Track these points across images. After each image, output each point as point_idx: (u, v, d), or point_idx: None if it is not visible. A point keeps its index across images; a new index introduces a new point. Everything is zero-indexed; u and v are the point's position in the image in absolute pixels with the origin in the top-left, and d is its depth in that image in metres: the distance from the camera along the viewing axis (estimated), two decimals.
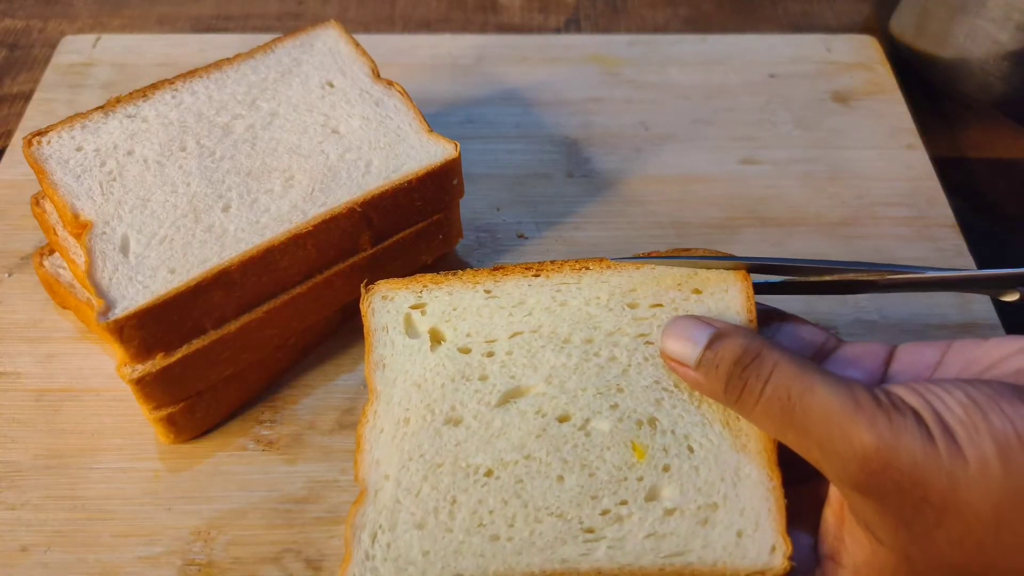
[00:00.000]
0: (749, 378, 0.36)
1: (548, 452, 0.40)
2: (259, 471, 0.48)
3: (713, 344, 0.37)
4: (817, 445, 0.34)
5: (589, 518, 0.38)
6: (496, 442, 0.40)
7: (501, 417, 0.41)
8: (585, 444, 0.40)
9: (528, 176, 0.64)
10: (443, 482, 0.39)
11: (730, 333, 0.37)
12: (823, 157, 0.65)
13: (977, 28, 0.65)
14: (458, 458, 0.40)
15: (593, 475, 0.39)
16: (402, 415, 0.41)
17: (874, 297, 0.56)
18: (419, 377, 0.42)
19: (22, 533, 0.46)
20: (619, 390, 0.41)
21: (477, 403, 0.41)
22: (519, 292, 0.44)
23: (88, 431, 0.50)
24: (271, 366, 0.51)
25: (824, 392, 0.34)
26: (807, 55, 0.73)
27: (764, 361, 0.36)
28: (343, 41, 0.57)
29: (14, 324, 0.54)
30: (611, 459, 0.39)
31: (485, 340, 0.43)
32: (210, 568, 0.45)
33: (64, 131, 0.50)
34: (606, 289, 0.44)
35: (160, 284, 0.44)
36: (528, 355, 0.42)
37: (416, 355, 0.43)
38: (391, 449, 0.41)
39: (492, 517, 0.39)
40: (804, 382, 0.34)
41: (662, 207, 0.62)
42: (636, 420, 0.40)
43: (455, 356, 0.43)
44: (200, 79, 0.53)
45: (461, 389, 0.42)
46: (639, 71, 0.71)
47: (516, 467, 0.40)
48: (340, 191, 0.49)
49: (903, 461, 0.32)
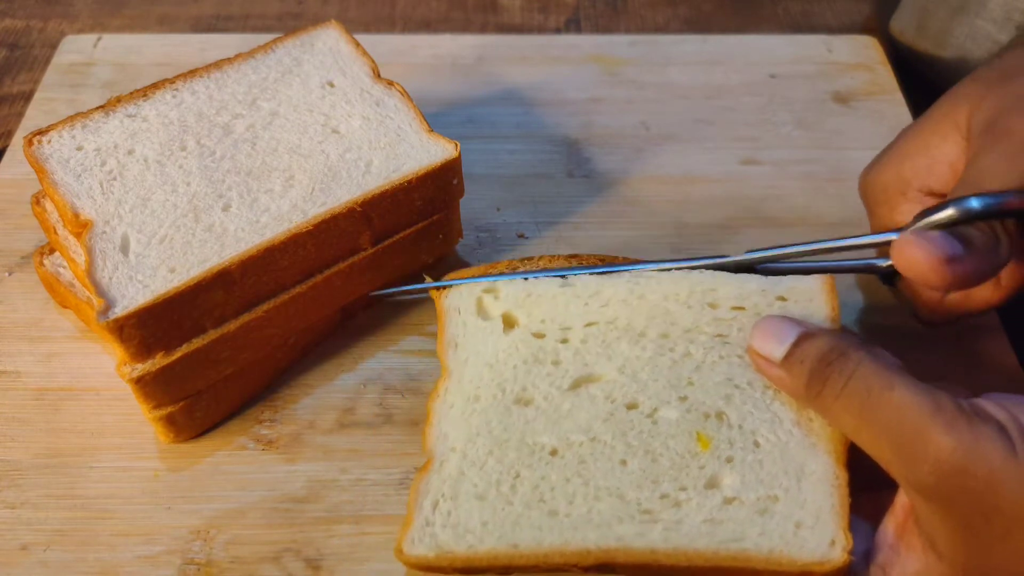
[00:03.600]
0: (832, 374, 0.36)
1: (613, 436, 0.41)
2: (259, 470, 0.48)
3: (801, 342, 0.38)
4: (891, 444, 0.34)
5: (648, 500, 0.39)
6: (563, 423, 0.41)
7: (571, 400, 0.42)
8: (651, 431, 0.41)
9: (528, 176, 0.64)
10: (508, 457, 0.41)
11: (818, 333, 0.38)
12: (824, 157, 0.65)
13: (977, 28, 0.65)
14: (525, 436, 0.41)
15: (656, 461, 0.40)
16: (472, 392, 0.43)
17: (874, 297, 0.56)
18: (491, 357, 0.44)
19: (22, 532, 0.46)
20: (690, 383, 0.42)
21: (548, 386, 0.42)
22: (595, 282, 0.45)
23: (88, 430, 0.50)
24: (271, 366, 0.51)
25: (904, 391, 0.34)
26: (808, 55, 0.73)
27: (848, 358, 0.36)
28: (343, 41, 0.57)
29: (14, 323, 0.54)
30: (675, 447, 0.40)
31: (560, 327, 0.44)
32: (209, 567, 0.45)
33: (64, 130, 0.50)
34: (686, 286, 0.44)
35: (160, 283, 0.44)
36: (602, 345, 0.43)
37: (489, 337, 0.44)
38: (460, 424, 0.42)
39: (553, 493, 0.39)
40: (885, 380, 0.35)
41: (662, 207, 0.62)
42: (704, 412, 0.41)
43: (529, 340, 0.44)
44: (200, 79, 0.54)
45: (533, 372, 0.43)
46: (639, 71, 0.71)
47: (581, 448, 0.40)
48: (340, 191, 0.49)
49: (979, 467, 0.31)
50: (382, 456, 0.49)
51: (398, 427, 0.50)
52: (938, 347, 0.54)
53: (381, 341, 0.54)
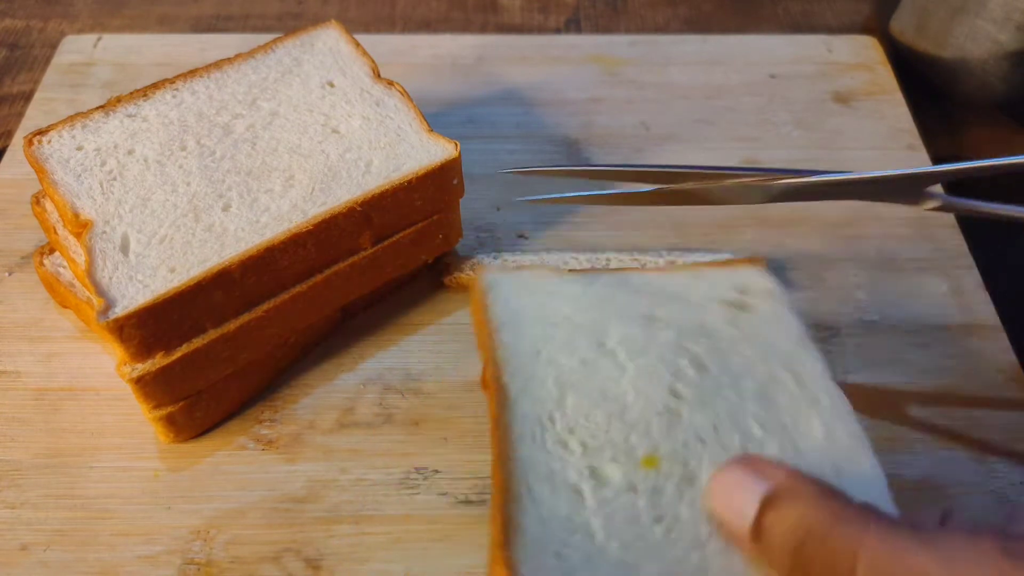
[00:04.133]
0: (833, 552, 0.27)
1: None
2: (259, 470, 0.48)
3: (767, 511, 0.29)
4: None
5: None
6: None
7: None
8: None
9: None
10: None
11: (790, 492, 0.29)
12: (824, 157, 0.65)
13: (977, 28, 0.65)
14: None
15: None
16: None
17: (873, 297, 0.56)
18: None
19: (22, 532, 0.46)
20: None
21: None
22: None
23: (88, 430, 0.50)
24: (271, 365, 0.51)
25: (935, 558, 0.26)
26: (808, 55, 0.73)
27: (838, 546, 0.27)
28: (343, 41, 0.57)
29: (14, 323, 0.54)
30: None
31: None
32: (209, 567, 0.45)
33: (64, 130, 0.50)
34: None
35: (160, 283, 0.44)
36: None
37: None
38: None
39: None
40: (907, 562, 0.26)
41: (662, 207, 0.62)
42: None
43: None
44: (200, 79, 0.54)
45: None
46: (640, 71, 0.71)
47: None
48: (340, 191, 0.49)
49: None
50: (382, 456, 0.49)
51: (398, 427, 0.50)
52: (938, 347, 0.54)
53: (381, 341, 0.54)
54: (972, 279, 0.57)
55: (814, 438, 0.36)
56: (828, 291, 0.57)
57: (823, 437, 0.36)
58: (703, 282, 0.42)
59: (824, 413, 0.37)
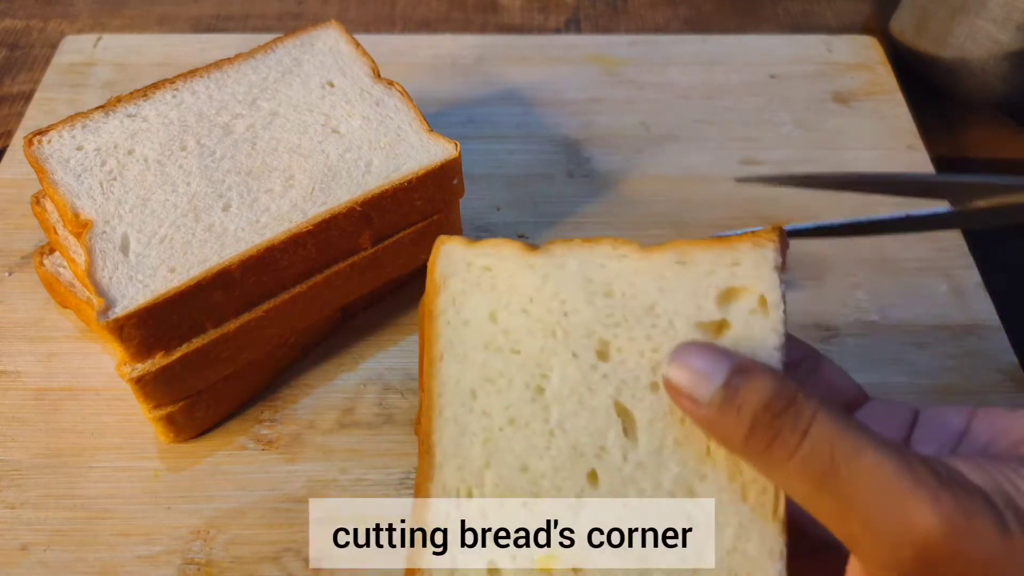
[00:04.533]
0: (783, 428, 0.29)
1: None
2: (259, 470, 0.48)
3: (733, 378, 0.31)
4: (861, 520, 0.28)
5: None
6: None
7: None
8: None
9: (528, 176, 0.64)
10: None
11: (754, 369, 0.31)
12: (824, 158, 0.65)
13: (977, 28, 0.65)
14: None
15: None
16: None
17: (873, 297, 0.56)
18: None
19: (22, 532, 0.46)
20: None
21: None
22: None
23: (88, 430, 0.50)
24: (271, 365, 0.51)
25: (876, 457, 0.28)
26: (807, 55, 0.73)
27: (801, 410, 0.30)
28: (343, 41, 0.57)
29: (14, 323, 0.54)
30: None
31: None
32: (209, 567, 0.45)
33: (64, 130, 0.50)
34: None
35: (160, 283, 0.44)
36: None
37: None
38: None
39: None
40: (851, 442, 0.29)
41: (662, 207, 0.62)
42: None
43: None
44: (200, 79, 0.54)
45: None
46: (639, 71, 0.71)
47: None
48: (340, 191, 0.49)
49: (974, 551, 0.27)
50: (382, 456, 0.49)
51: (398, 427, 0.50)
52: (938, 347, 0.54)
53: (381, 341, 0.54)
54: (972, 279, 0.57)
55: (721, 546, 0.34)
56: (828, 291, 0.57)
57: (730, 548, 0.34)
58: (684, 282, 0.36)
59: (745, 514, 0.34)
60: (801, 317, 0.55)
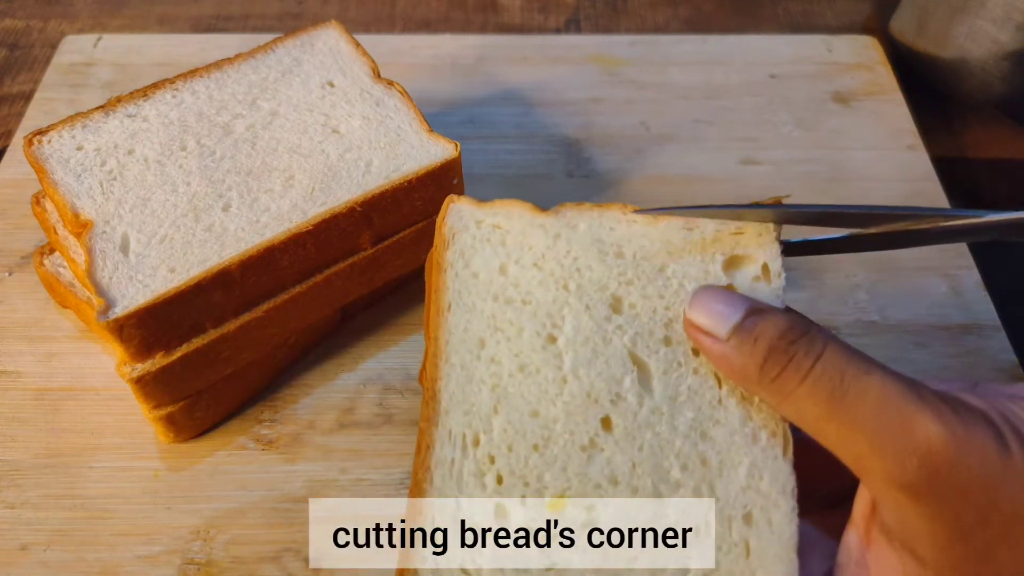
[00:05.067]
0: (796, 353, 0.31)
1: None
2: (259, 470, 0.48)
3: (751, 316, 0.33)
4: (867, 436, 0.30)
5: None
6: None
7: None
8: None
9: (528, 176, 0.64)
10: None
11: (769, 309, 0.33)
12: (824, 158, 0.65)
13: (977, 28, 0.65)
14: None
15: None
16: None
17: (874, 297, 0.56)
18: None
19: (22, 532, 0.46)
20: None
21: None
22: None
23: (88, 430, 0.50)
24: (271, 366, 0.51)
25: (883, 377, 0.30)
26: (807, 55, 0.73)
27: (814, 338, 0.32)
28: (343, 41, 0.57)
29: (14, 323, 0.54)
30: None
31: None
32: (209, 567, 0.45)
33: (64, 130, 0.50)
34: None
35: (160, 283, 0.44)
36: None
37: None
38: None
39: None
40: (859, 363, 0.31)
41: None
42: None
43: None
44: (200, 79, 0.54)
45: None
46: (639, 71, 0.71)
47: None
48: (340, 191, 0.49)
49: (974, 461, 0.28)
50: (382, 456, 0.49)
51: (398, 427, 0.50)
52: (938, 347, 0.54)
53: (381, 341, 0.54)
54: (972, 279, 0.57)
55: (735, 483, 0.35)
56: (828, 291, 0.57)
57: (744, 486, 0.35)
58: (691, 247, 0.38)
59: (758, 454, 0.35)
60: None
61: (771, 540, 0.35)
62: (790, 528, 0.34)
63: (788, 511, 0.35)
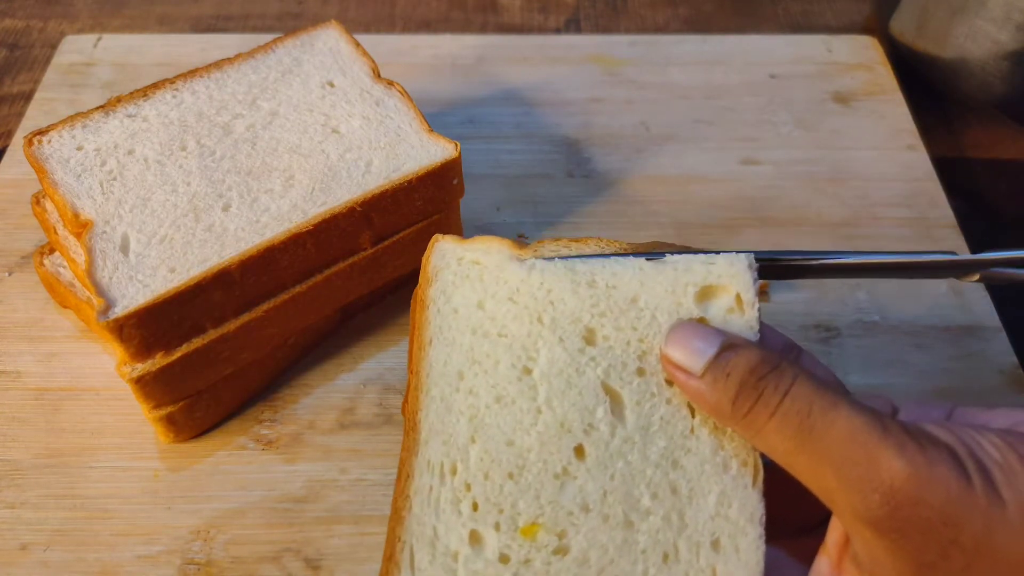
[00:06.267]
0: (765, 388, 0.32)
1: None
2: (259, 470, 0.48)
3: (725, 352, 0.34)
4: (834, 470, 0.30)
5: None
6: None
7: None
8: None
9: (528, 176, 0.64)
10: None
11: (742, 343, 0.34)
12: (824, 158, 0.65)
13: (977, 28, 0.65)
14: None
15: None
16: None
17: (874, 297, 0.56)
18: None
19: (22, 532, 0.46)
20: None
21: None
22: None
23: (88, 430, 0.50)
24: (271, 366, 0.51)
25: (849, 411, 0.31)
26: (807, 55, 0.73)
27: (783, 373, 0.33)
28: (343, 41, 0.57)
29: (14, 323, 0.54)
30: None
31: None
32: (209, 567, 0.45)
33: (65, 130, 0.50)
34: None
35: (160, 283, 0.44)
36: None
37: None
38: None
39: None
40: (827, 399, 0.31)
41: (662, 207, 0.62)
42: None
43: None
44: (201, 79, 0.54)
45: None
46: (639, 71, 0.71)
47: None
48: (340, 191, 0.49)
49: (936, 496, 0.29)
50: (382, 456, 0.49)
51: (398, 427, 0.50)
52: (938, 348, 0.54)
53: (381, 341, 0.54)
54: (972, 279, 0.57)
55: (704, 511, 0.36)
56: (828, 291, 0.57)
57: (713, 513, 0.35)
58: (663, 276, 0.37)
59: (727, 483, 0.36)
60: (802, 318, 0.55)
61: (738, 566, 0.35)
62: (756, 555, 0.35)
63: (755, 538, 0.35)
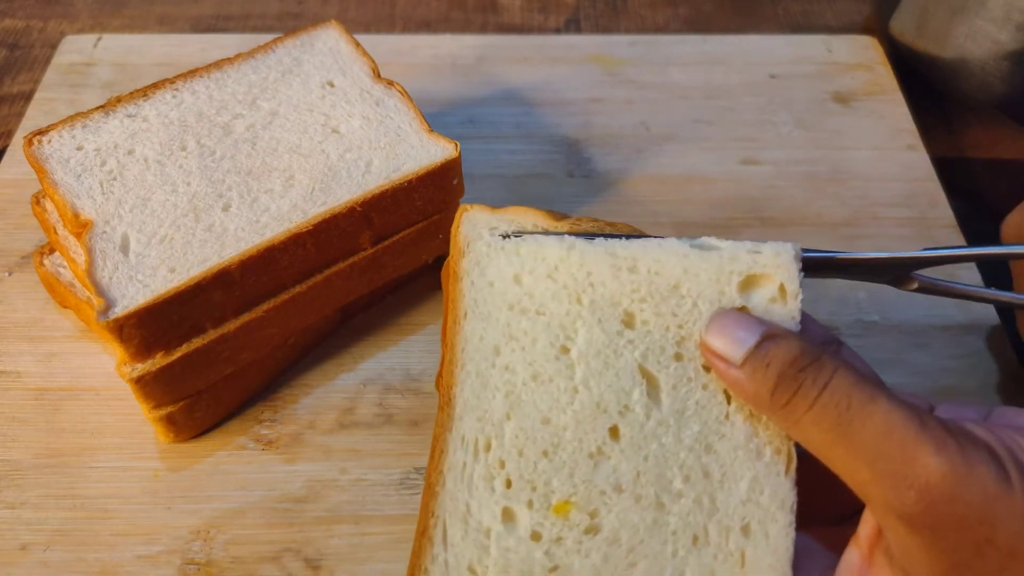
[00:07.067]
0: (805, 380, 0.32)
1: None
2: (259, 470, 0.48)
3: (765, 342, 0.34)
4: (869, 464, 0.30)
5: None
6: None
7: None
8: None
9: (528, 176, 0.64)
10: None
11: (783, 334, 0.34)
12: (824, 158, 0.65)
13: (977, 28, 0.65)
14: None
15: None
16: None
17: (874, 297, 0.56)
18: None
19: (22, 532, 0.46)
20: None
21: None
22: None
23: (88, 430, 0.49)
24: (271, 366, 0.51)
25: (888, 405, 0.30)
26: (807, 55, 0.73)
27: (823, 365, 0.32)
28: (343, 41, 0.57)
29: (14, 323, 0.54)
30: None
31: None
32: (209, 567, 0.45)
33: (65, 130, 0.50)
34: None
35: (160, 283, 0.44)
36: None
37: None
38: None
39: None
40: (866, 392, 0.31)
41: (663, 207, 0.62)
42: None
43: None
44: (201, 79, 0.54)
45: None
46: (639, 71, 0.71)
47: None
48: (340, 191, 0.49)
49: (973, 495, 0.29)
50: (382, 456, 0.49)
51: (398, 427, 0.50)
52: (938, 347, 0.54)
53: (381, 341, 0.54)
54: (972, 279, 0.57)
55: (735, 496, 0.36)
56: (828, 291, 0.57)
57: (744, 499, 0.36)
58: (707, 264, 0.37)
59: (760, 469, 0.36)
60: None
61: (767, 552, 0.35)
62: (786, 542, 0.35)
63: (785, 525, 0.35)
